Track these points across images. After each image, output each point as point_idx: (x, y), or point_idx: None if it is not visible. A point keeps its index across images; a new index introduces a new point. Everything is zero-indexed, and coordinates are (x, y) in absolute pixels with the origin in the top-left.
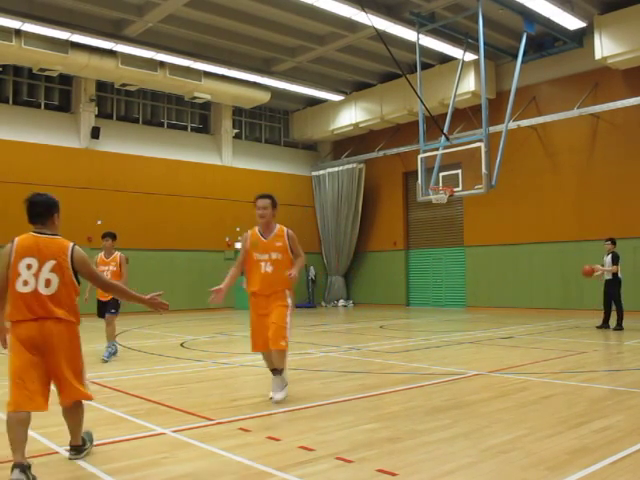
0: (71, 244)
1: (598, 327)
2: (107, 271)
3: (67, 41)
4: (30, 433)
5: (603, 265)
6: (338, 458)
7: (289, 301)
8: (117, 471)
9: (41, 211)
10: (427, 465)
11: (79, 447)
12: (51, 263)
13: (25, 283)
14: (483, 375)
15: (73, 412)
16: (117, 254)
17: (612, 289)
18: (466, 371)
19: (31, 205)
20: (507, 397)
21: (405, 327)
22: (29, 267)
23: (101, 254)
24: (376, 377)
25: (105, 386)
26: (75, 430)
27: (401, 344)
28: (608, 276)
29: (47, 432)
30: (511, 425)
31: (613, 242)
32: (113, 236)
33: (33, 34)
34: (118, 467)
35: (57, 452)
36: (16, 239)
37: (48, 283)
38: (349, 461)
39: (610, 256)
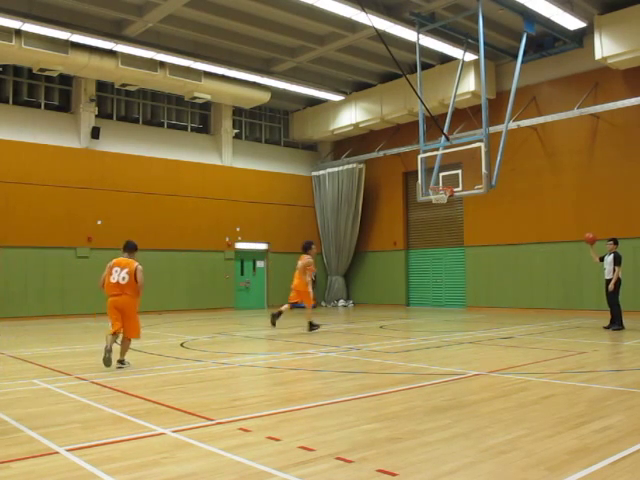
0: (136, 263)
1: (605, 327)
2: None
3: (67, 41)
4: (30, 433)
5: (603, 265)
6: (338, 458)
7: None
8: (117, 471)
9: (130, 248)
10: (427, 465)
11: (122, 361)
12: (125, 270)
13: (114, 278)
14: (483, 375)
15: (126, 342)
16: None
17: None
18: (466, 371)
19: (127, 244)
20: (507, 397)
21: (405, 327)
22: (116, 271)
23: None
24: (376, 377)
25: (105, 386)
26: (123, 352)
27: (401, 344)
28: (608, 276)
29: (48, 432)
30: (511, 425)
31: (615, 242)
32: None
33: (33, 34)
34: (118, 467)
35: (57, 452)
36: (114, 259)
37: (123, 279)
38: (349, 461)
39: (612, 256)
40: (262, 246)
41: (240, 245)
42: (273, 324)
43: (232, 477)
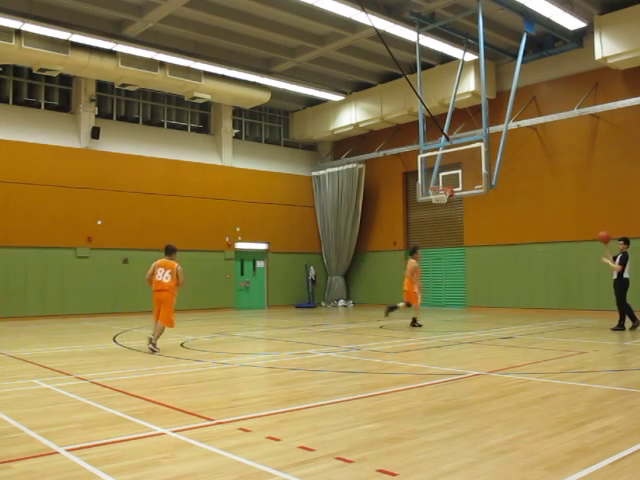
0: (177, 264)
1: (613, 329)
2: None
3: (67, 41)
4: (30, 433)
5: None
6: (338, 458)
7: None
8: (117, 471)
9: (170, 251)
10: (427, 465)
11: (154, 345)
12: (168, 270)
13: (159, 276)
14: (483, 375)
15: (159, 328)
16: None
17: (616, 288)
18: (466, 371)
19: (167, 248)
20: (507, 397)
21: (405, 327)
22: (161, 270)
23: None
24: (376, 377)
25: (105, 386)
26: (156, 337)
27: (401, 344)
28: (614, 275)
29: (48, 432)
30: (511, 425)
31: (626, 242)
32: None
33: (33, 34)
34: (118, 467)
35: (57, 452)
36: (159, 260)
37: (167, 278)
38: (349, 461)
39: (620, 256)
40: (262, 246)
41: (240, 245)
42: (387, 315)
43: (232, 477)
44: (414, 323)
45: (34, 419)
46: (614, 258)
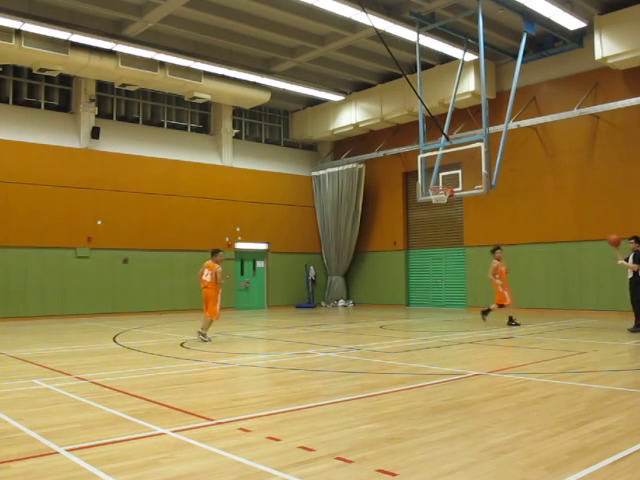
0: (217, 266)
1: (631, 330)
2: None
3: (67, 41)
4: (30, 433)
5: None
6: (338, 458)
7: None
8: (117, 471)
9: (212, 254)
10: (427, 465)
11: (203, 334)
12: (210, 270)
13: (204, 276)
14: (483, 375)
15: (206, 319)
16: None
17: (633, 288)
18: (466, 371)
19: (212, 251)
20: (507, 397)
21: (405, 327)
22: (205, 271)
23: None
24: (376, 377)
25: (105, 386)
26: (204, 327)
27: (401, 344)
28: (630, 274)
29: (48, 432)
30: (511, 425)
31: (637, 240)
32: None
33: (33, 34)
34: (118, 467)
35: (57, 452)
36: (207, 261)
37: (207, 277)
38: (349, 461)
39: (633, 255)
40: (262, 246)
41: (240, 245)
42: (483, 319)
43: (232, 477)
44: (511, 322)
45: (34, 419)
46: (626, 259)
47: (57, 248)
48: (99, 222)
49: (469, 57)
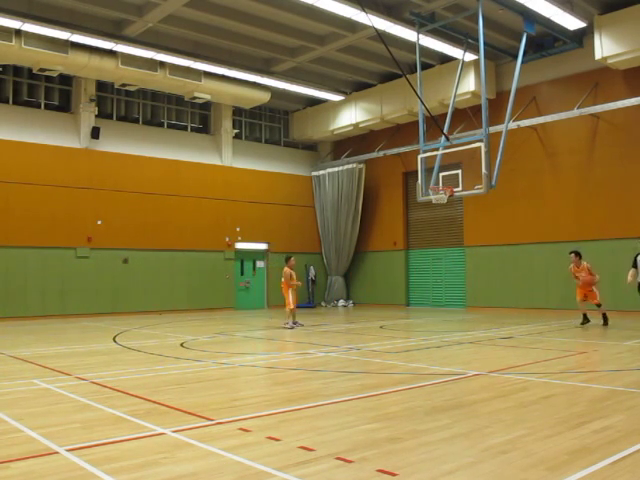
0: (285, 268)
1: None
2: None
3: (67, 41)
4: (30, 433)
5: (636, 265)
6: (338, 458)
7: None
8: (117, 471)
9: (285, 260)
10: (427, 465)
11: (288, 323)
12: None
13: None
14: (483, 375)
15: (286, 311)
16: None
17: None
18: (466, 371)
19: (286, 258)
20: (507, 397)
21: (405, 327)
22: (290, 274)
23: None
24: (376, 377)
25: (105, 386)
26: (288, 316)
27: (401, 344)
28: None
29: (48, 432)
30: (511, 425)
31: None
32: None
33: (33, 34)
34: (118, 467)
35: (57, 452)
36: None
37: (282, 278)
38: (349, 461)
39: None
40: (262, 246)
41: (240, 245)
42: (582, 324)
43: (232, 477)
44: (605, 322)
45: (34, 419)
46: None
47: (57, 248)
48: (99, 222)
49: (469, 57)
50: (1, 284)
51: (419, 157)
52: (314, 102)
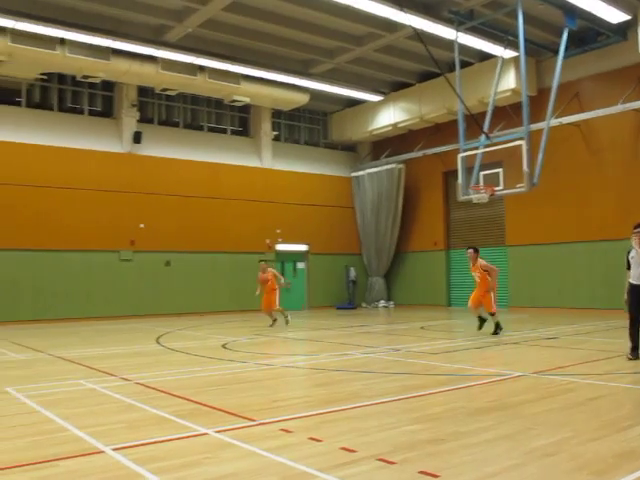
0: (271, 269)
1: None
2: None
3: (109, 48)
4: (77, 432)
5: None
6: (380, 459)
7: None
8: (161, 470)
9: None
10: (470, 467)
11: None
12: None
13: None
14: (527, 376)
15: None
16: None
17: None
18: (509, 372)
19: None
20: (552, 399)
21: (447, 328)
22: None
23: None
24: (418, 378)
25: (149, 387)
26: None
27: (443, 345)
28: None
29: (94, 431)
30: (556, 427)
31: None
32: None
33: (76, 42)
34: (162, 466)
35: (103, 451)
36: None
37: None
38: (391, 462)
39: None
40: (302, 247)
41: (281, 247)
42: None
43: (274, 478)
44: (496, 331)
45: (81, 419)
46: None
47: (101, 252)
48: (141, 226)
49: (509, 54)
50: (48, 286)
51: (459, 156)
52: (353, 103)
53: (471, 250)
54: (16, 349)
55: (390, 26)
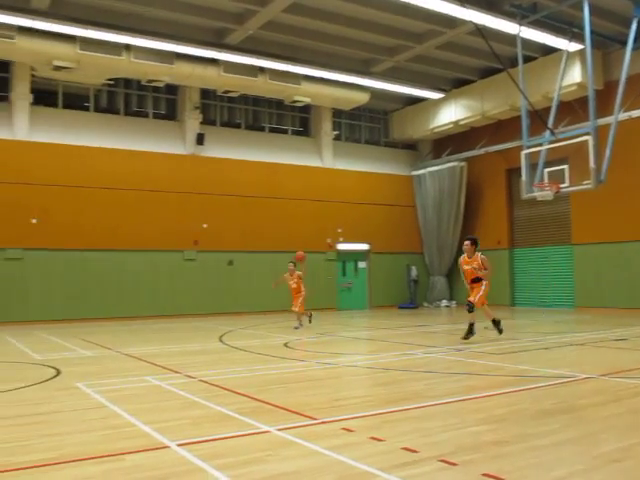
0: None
1: None
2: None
3: (172, 52)
4: (143, 427)
5: None
6: (442, 460)
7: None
8: (224, 466)
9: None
10: (535, 470)
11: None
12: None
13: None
14: (594, 379)
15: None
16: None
17: None
18: (576, 374)
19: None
20: (620, 402)
21: (510, 328)
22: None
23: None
24: (481, 379)
25: (212, 384)
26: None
27: (506, 345)
28: None
29: (159, 427)
30: (624, 432)
31: None
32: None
33: (141, 48)
34: (225, 462)
35: (168, 446)
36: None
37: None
38: (454, 464)
39: None
40: (363, 247)
41: (341, 246)
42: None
43: (335, 476)
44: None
45: (147, 414)
46: None
47: (166, 251)
48: (204, 226)
49: (574, 47)
50: (115, 285)
51: (523, 153)
52: (413, 101)
53: (468, 242)
54: (85, 346)
55: (451, 22)
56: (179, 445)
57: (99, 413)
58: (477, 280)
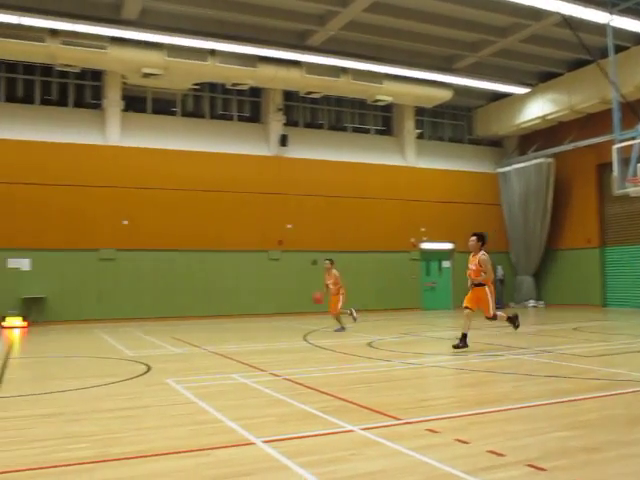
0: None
1: None
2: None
3: (255, 56)
4: (230, 424)
5: None
6: (529, 465)
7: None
8: (308, 464)
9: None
10: None
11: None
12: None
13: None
14: None
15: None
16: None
17: None
18: None
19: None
20: None
21: (602, 329)
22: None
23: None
24: (570, 382)
25: (297, 382)
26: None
27: (598, 348)
28: None
29: (245, 423)
30: None
31: None
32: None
33: (225, 52)
34: (309, 460)
35: (254, 443)
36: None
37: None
38: (542, 469)
39: None
40: (447, 246)
41: (425, 245)
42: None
43: (419, 477)
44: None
45: (233, 411)
46: None
47: (251, 251)
48: (289, 226)
49: None
50: (200, 284)
51: (614, 147)
52: (498, 97)
53: (474, 238)
54: (175, 343)
55: (536, 14)
56: (264, 442)
57: (187, 409)
58: (479, 284)
